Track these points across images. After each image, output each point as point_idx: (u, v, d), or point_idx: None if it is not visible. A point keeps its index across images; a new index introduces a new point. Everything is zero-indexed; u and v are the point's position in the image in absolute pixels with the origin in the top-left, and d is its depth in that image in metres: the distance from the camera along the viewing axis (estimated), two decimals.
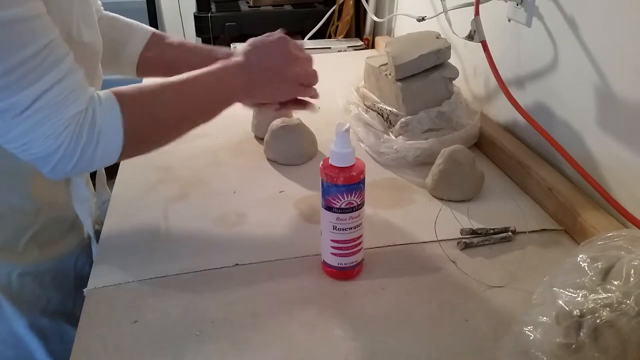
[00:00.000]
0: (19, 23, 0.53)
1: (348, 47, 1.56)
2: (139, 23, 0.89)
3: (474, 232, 0.73)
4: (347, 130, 0.59)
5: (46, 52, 0.56)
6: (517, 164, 0.86)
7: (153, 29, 0.89)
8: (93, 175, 0.87)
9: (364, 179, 0.61)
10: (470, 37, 0.88)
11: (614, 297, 0.45)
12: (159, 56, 0.87)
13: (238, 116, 0.88)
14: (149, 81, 0.70)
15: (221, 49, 0.88)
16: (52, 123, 0.57)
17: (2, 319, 0.74)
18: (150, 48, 0.87)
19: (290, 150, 0.92)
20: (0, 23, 0.52)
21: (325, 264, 0.67)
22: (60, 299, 0.78)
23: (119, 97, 0.62)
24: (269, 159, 0.93)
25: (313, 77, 0.77)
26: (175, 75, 0.69)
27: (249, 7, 1.74)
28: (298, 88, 0.76)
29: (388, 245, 0.72)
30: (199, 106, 0.70)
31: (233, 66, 0.72)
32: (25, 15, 0.54)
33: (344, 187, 0.60)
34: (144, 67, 0.88)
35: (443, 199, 0.80)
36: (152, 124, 0.66)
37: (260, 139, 0.97)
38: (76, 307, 0.62)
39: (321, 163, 0.62)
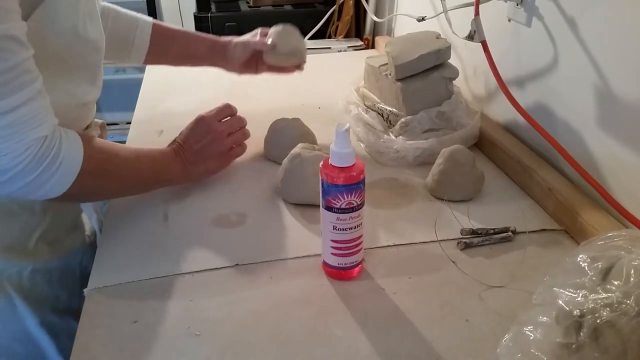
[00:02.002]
0: None
1: (348, 47, 1.56)
2: (137, 15, 0.95)
3: (474, 232, 0.73)
4: (347, 130, 0.59)
5: (16, 72, 0.56)
6: (517, 164, 0.86)
7: (152, 20, 0.95)
8: None
9: (364, 179, 0.61)
10: (470, 37, 0.88)
11: (614, 297, 0.45)
12: (163, 51, 0.97)
13: None
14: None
15: (221, 39, 0.98)
16: (13, 142, 0.57)
17: (15, 317, 0.75)
18: (154, 42, 0.95)
19: (290, 150, 0.91)
20: None
21: (325, 264, 0.67)
22: (68, 297, 0.79)
23: (83, 138, 0.65)
24: (268, 159, 0.93)
25: (240, 138, 0.87)
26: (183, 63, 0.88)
27: (249, 7, 1.74)
28: (231, 154, 0.86)
29: (388, 245, 0.72)
30: (140, 181, 0.76)
31: (172, 154, 0.79)
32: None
33: (344, 187, 0.60)
34: (151, 59, 0.97)
35: (443, 199, 0.80)
36: (102, 175, 0.69)
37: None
38: (82, 305, 0.63)
39: (321, 163, 0.62)
